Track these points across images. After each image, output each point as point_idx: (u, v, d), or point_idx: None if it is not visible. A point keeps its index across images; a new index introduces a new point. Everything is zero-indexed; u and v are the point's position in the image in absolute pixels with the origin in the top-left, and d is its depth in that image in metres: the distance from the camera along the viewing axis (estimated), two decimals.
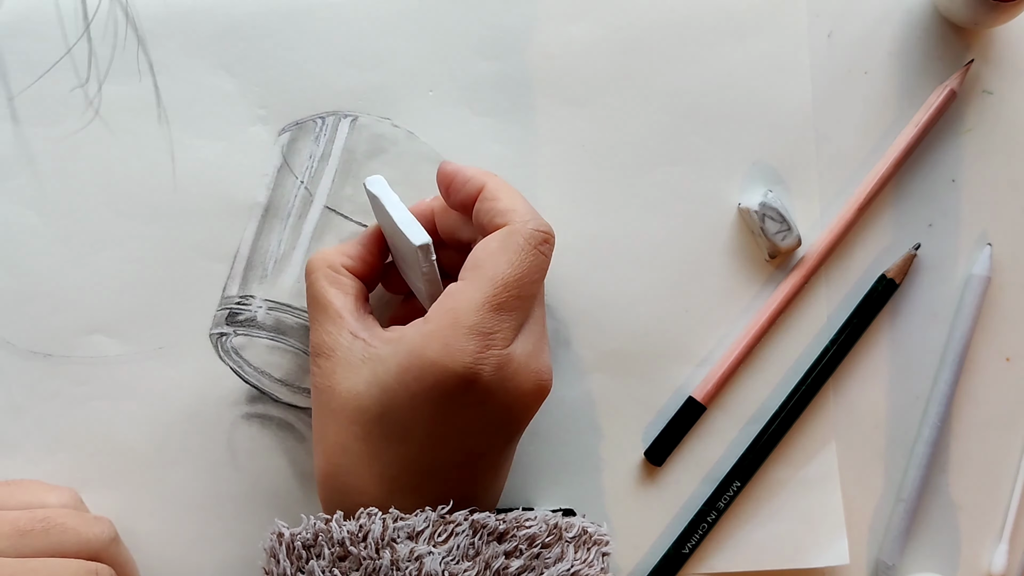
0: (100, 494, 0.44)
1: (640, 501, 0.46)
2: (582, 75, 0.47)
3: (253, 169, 0.46)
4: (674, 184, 0.47)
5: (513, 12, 0.47)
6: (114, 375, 0.45)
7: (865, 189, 0.46)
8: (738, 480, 0.45)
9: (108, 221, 0.45)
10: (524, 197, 0.40)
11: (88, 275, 0.45)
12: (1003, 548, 0.46)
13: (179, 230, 0.45)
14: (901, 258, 0.47)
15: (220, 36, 0.46)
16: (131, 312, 0.45)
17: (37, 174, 0.45)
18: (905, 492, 0.46)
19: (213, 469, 0.45)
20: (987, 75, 0.48)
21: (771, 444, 0.46)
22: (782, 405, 0.46)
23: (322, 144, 0.46)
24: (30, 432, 0.45)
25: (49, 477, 0.44)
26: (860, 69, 0.47)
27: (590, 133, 0.47)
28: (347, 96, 0.46)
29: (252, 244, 0.45)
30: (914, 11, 0.48)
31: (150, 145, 0.46)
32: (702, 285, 0.46)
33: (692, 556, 0.45)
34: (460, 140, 0.46)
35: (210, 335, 0.45)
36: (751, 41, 0.47)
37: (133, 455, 0.45)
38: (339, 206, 0.46)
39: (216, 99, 0.46)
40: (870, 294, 0.46)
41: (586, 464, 0.46)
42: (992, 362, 0.47)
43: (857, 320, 0.46)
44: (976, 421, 0.47)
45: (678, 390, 0.46)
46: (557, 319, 0.46)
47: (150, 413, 0.45)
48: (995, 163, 0.47)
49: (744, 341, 0.46)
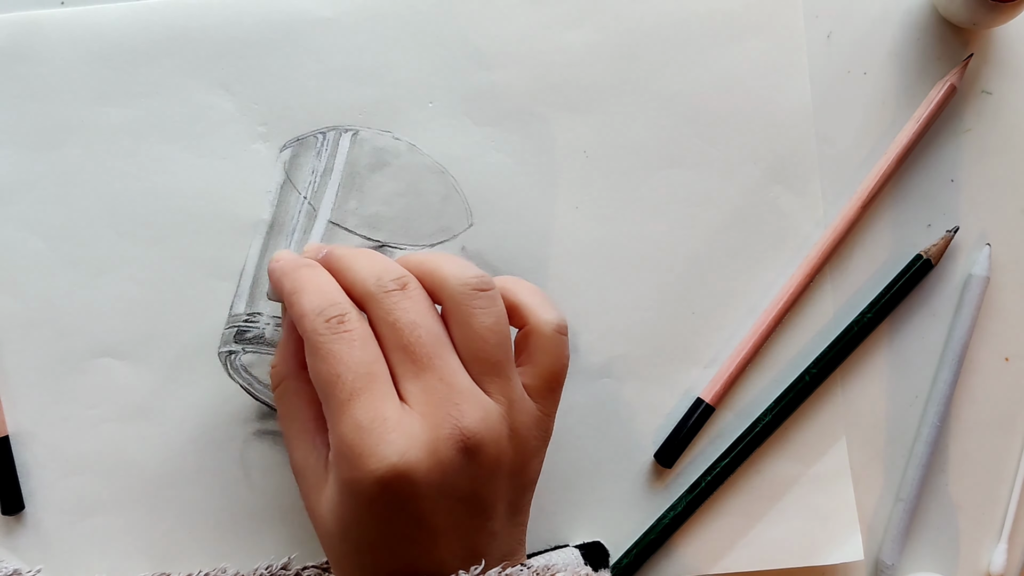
0: (115, 516, 0.45)
1: (651, 503, 0.46)
2: (581, 81, 0.47)
3: (256, 186, 0.46)
4: (676, 187, 0.47)
5: (510, 21, 0.46)
6: (124, 397, 0.45)
7: (868, 186, 0.47)
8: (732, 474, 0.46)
9: (112, 243, 0.45)
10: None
11: (94, 298, 0.45)
12: (1002, 548, 0.47)
13: (184, 250, 0.45)
14: (940, 239, 0.47)
15: (218, 55, 0.45)
16: (139, 334, 0.45)
17: (40, 199, 0.45)
18: (904, 492, 0.47)
19: (227, 487, 0.45)
20: (986, 75, 0.48)
21: (776, 434, 0.46)
22: (792, 394, 0.46)
23: (324, 159, 0.46)
24: (41, 457, 0.45)
25: (62, 501, 0.45)
26: (860, 69, 0.47)
27: (591, 139, 0.47)
28: (347, 111, 0.46)
29: (258, 261, 0.46)
30: (913, 11, 0.47)
31: (152, 166, 0.45)
32: (707, 286, 0.47)
33: (703, 556, 0.46)
34: (461, 150, 0.46)
35: (219, 353, 0.45)
36: (750, 43, 0.47)
37: (146, 476, 0.45)
38: (343, 220, 0.46)
39: (216, 118, 0.46)
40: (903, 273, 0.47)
41: (596, 467, 0.46)
42: (991, 362, 0.48)
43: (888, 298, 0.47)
44: (975, 421, 0.48)
45: (686, 392, 0.47)
46: None
47: (162, 433, 0.45)
48: (994, 163, 0.48)
49: (751, 341, 0.46)
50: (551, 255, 0.46)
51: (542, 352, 0.37)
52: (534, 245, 0.46)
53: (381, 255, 0.38)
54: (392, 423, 0.33)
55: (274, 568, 0.43)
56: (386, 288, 0.35)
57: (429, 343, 0.35)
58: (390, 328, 0.35)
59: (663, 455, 0.46)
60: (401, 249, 0.46)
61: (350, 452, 0.33)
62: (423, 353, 0.34)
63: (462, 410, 0.34)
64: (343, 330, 0.34)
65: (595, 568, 0.44)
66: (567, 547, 0.44)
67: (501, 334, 0.36)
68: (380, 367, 0.34)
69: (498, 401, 0.35)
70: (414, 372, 0.34)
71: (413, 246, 0.46)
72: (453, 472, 0.33)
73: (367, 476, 0.33)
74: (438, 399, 0.34)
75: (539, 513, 0.46)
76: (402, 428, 0.33)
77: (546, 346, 0.37)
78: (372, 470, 0.33)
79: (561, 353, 0.38)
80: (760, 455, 0.47)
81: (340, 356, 0.34)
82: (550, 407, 0.38)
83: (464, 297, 0.35)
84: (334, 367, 0.34)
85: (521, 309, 0.38)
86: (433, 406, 0.34)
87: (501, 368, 0.35)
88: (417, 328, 0.35)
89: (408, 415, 0.34)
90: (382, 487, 0.33)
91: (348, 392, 0.33)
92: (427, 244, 0.46)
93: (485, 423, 0.34)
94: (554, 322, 0.37)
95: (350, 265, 0.37)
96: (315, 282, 0.36)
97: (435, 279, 0.36)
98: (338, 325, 0.35)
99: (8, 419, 0.45)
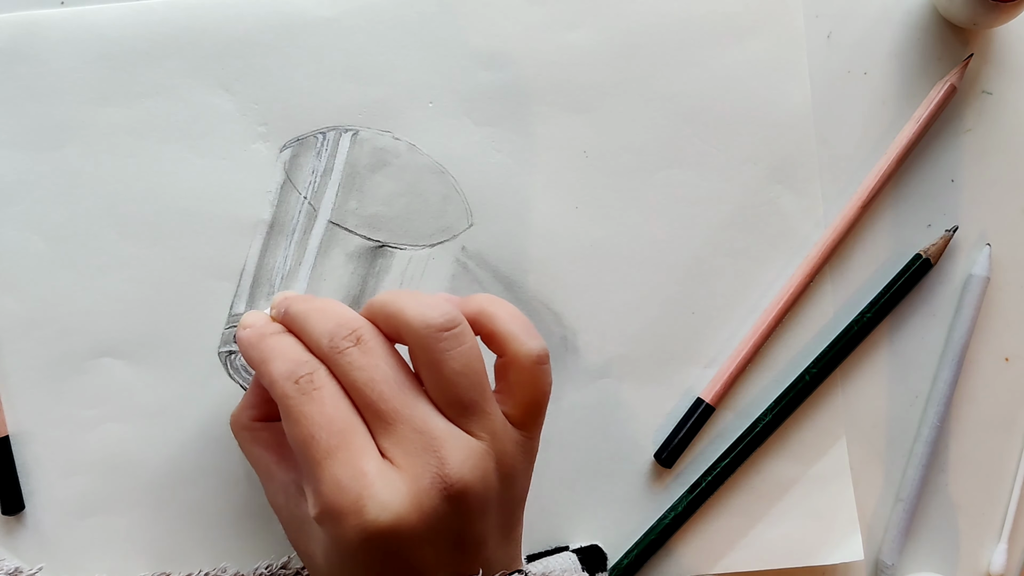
0: (115, 516, 0.45)
1: (651, 503, 0.47)
2: (581, 82, 0.47)
3: (256, 186, 0.46)
4: (676, 187, 0.47)
5: (511, 21, 0.46)
6: (125, 397, 0.45)
7: (868, 186, 0.47)
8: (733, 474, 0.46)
9: (113, 244, 0.45)
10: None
11: (95, 298, 0.45)
12: (1002, 548, 0.47)
13: (184, 250, 0.45)
14: (940, 239, 0.47)
15: (218, 55, 0.45)
16: (139, 333, 0.45)
17: (41, 199, 0.45)
18: (904, 492, 0.47)
19: (228, 486, 0.45)
20: (986, 75, 0.48)
21: (776, 434, 0.46)
22: (792, 394, 0.46)
23: (324, 159, 0.46)
24: (41, 457, 0.45)
25: (62, 501, 0.45)
26: (860, 70, 0.47)
27: (591, 139, 0.47)
28: (347, 111, 0.46)
29: (258, 261, 0.46)
30: (913, 11, 0.47)
31: (152, 166, 0.45)
32: (707, 286, 0.47)
33: (703, 556, 0.46)
34: (461, 150, 0.46)
35: (219, 353, 0.45)
36: (749, 43, 0.47)
37: (146, 476, 0.45)
38: (343, 220, 0.46)
39: (216, 118, 0.46)
40: (903, 273, 0.47)
41: (597, 468, 0.46)
42: (991, 362, 0.48)
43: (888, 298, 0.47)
44: (975, 421, 0.48)
45: (686, 392, 0.47)
46: (564, 326, 0.46)
47: (163, 433, 0.45)
48: (994, 163, 0.48)
49: (751, 341, 0.46)
50: (551, 255, 0.46)
51: (522, 384, 0.36)
52: (534, 245, 0.46)
53: (337, 305, 0.37)
54: (371, 478, 0.32)
55: (274, 568, 0.43)
56: (339, 348, 0.35)
57: (392, 397, 0.34)
58: (352, 388, 0.34)
59: (663, 455, 0.46)
60: (401, 249, 0.46)
61: (332, 511, 0.33)
62: (388, 408, 0.34)
63: (441, 456, 0.33)
64: (311, 388, 0.34)
65: (593, 572, 0.44)
66: (565, 551, 0.44)
67: (474, 374, 0.35)
68: (353, 421, 0.34)
69: (480, 438, 0.34)
70: (384, 427, 0.34)
71: (413, 246, 0.46)
72: (439, 520, 0.33)
73: (352, 534, 0.32)
74: (415, 449, 0.33)
75: (539, 513, 0.46)
76: (382, 482, 0.32)
77: (526, 379, 0.36)
78: (356, 527, 0.32)
79: (542, 383, 0.36)
80: (760, 455, 0.47)
81: (312, 416, 0.33)
82: (534, 431, 0.37)
83: (429, 341, 0.34)
84: (307, 428, 0.33)
85: (499, 337, 0.36)
86: (412, 457, 0.33)
87: (477, 406, 0.35)
88: (376, 385, 0.34)
89: (388, 468, 0.33)
90: (368, 543, 0.32)
91: (324, 451, 0.33)
92: (427, 244, 0.46)
93: (468, 464, 0.33)
94: (534, 353, 0.36)
95: (304, 325, 0.36)
96: (280, 348, 0.36)
97: (397, 323, 0.35)
98: (307, 384, 0.34)
99: (8, 419, 0.45)
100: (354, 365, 0.34)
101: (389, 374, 0.34)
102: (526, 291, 0.46)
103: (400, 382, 0.34)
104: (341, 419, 0.34)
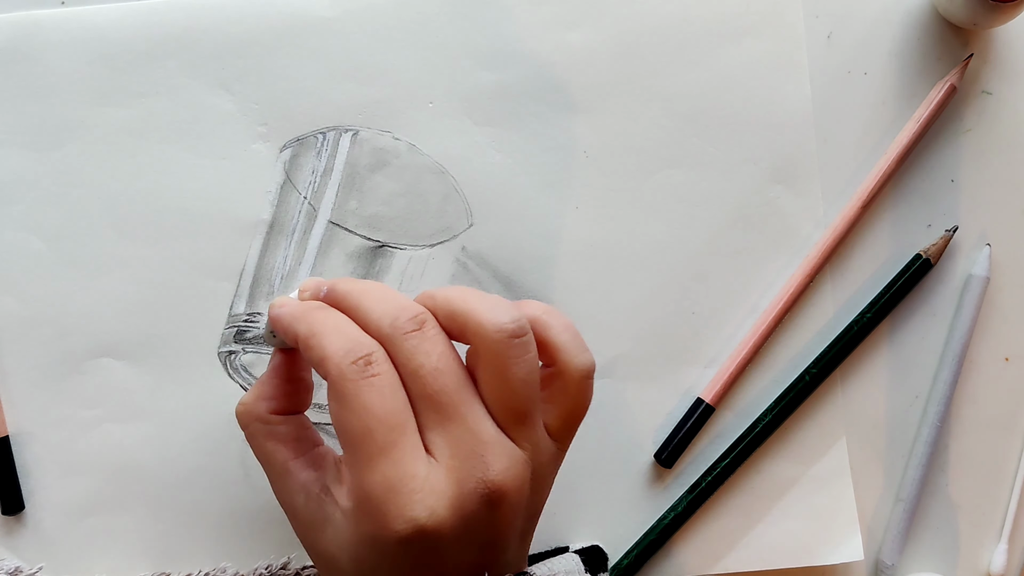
0: (115, 516, 0.45)
1: (651, 503, 0.47)
2: (581, 82, 0.47)
3: (256, 186, 0.46)
4: (676, 187, 0.47)
5: (511, 21, 0.46)
6: (124, 397, 0.45)
7: (868, 186, 0.47)
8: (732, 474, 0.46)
9: (112, 243, 0.45)
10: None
11: (94, 298, 0.45)
12: (1002, 548, 0.47)
13: (184, 250, 0.45)
14: (940, 239, 0.47)
15: (218, 55, 0.46)
16: (139, 334, 0.45)
17: (40, 199, 0.45)
18: (904, 492, 0.47)
19: (227, 487, 0.45)
20: (986, 76, 0.48)
21: (776, 434, 0.46)
22: (792, 394, 0.46)
23: (324, 159, 0.46)
24: (41, 457, 0.45)
25: (63, 502, 0.45)
26: (860, 70, 0.47)
27: (591, 139, 0.47)
28: (347, 111, 0.46)
29: (258, 261, 0.46)
30: (913, 12, 0.47)
31: (152, 166, 0.45)
32: (707, 286, 0.47)
33: (703, 556, 0.46)
34: (461, 150, 0.46)
35: (219, 353, 0.45)
36: (749, 43, 0.47)
37: (146, 476, 0.45)
38: (343, 220, 0.46)
39: (216, 118, 0.46)
40: (903, 273, 0.47)
41: (596, 468, 0.46)
42: (991, 362, 0.48)
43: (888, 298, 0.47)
44: (975, 421, 0.48)
45: (686, 392, 0.47)
46: None
47: (162, 434, 0.45)
48: (994, 163, 0.48)
49: (751, 341, 0.46)
50: (551, 255, 0.46)
51: (568, 396, 0.36)
52: (534, 245, 0.46)
53: (390, 289, 0.36)
54: (420, 481, 0.32)
55: (274, 568, 0.43)
56: (404, 329, 0.33)
57: (454, 391, 0.33)
58: (413, 375, 0.33)
59: (663, 455, 0.46)
60: (401, 249, 0.46)
61: (376, 510, 0.32)
62: (448, 402, 0.33)
63: (487, 462, 0.33)
64: (371, 374, 0.33)
65: (594, 573, 0.44)
66: (567, 551, 0.44)
67: (534, 384, 0.34)
68: (408, 417, 0.33)
69: (523, 448, 0.34)
70: (439, 422, 0.33)
71: (413, 246, 0.46)
72: (475, 522, 0.33)
73: (393, 535, 0.32)
74: (465, 451, 0.33)
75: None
76: (430, 486, 0.32)
77: (572, 392, 0.36)
78: (398, 530, 0.32)
79: (587, 397, 0.36)
80: (760, 455, 0.47)
81: (370, 408, 0.32)
82: (567, 444, 0.37)
83: (500, 346, 0.33)
84: (365, 420, 0.32)
85: (552, 348, 0.35)
86: (460, 459, 0.33)
87: (530, 417, 0.34)
88: (441, 376, 0.33)
89: (435, 470, 0.32)
90: (405, 543, 0.32)
91: (379, 447, 0.32)
92: (427, 244, 0.46)
93: (511, 473, 0.33)
94: (585, 367, 0.35)
95: (360, 303, 0.35)
96: (333, 323, 0.34)
97: (468, 323, 0.34)
98: (366, 368, 0.33)
99: (8, 419, 0.45)
100: (420, 349, 0.33)
101: (453, 367, 0.34)
102: (526, 291, 0.46)
103: (461, 378, 0.34)
104: (398, 412, 0.33)
